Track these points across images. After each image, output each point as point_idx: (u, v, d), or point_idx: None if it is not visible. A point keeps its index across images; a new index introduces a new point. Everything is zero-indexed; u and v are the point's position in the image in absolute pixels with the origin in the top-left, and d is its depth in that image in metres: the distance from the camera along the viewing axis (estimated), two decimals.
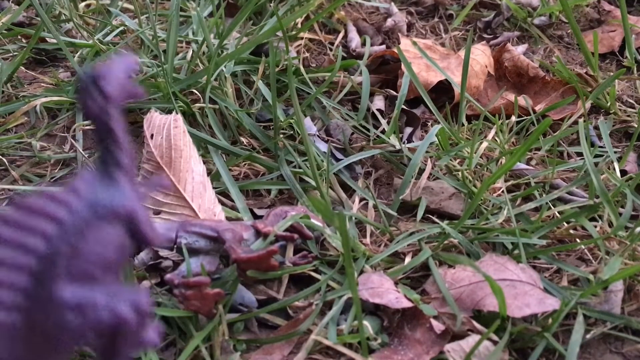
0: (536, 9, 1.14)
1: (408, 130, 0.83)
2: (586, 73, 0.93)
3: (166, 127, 0.67)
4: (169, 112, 0.79)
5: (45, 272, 0.27)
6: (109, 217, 0.30)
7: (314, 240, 0.63)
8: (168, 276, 0.54)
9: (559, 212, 0.68)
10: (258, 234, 0.60)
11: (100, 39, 0.92)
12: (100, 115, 0.31)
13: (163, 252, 0.62)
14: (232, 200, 0.69)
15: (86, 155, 0.75)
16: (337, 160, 0.76)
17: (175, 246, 0.58)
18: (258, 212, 0.69)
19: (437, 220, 0.68)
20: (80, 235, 0.28)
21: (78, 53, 0.91)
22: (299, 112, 0.67)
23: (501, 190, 0.71)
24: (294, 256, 0.60)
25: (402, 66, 0.85)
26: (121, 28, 0.97)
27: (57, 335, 0.28)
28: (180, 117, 0.68)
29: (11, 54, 0.95)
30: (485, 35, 1.11)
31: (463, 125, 0.81)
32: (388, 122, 0.83)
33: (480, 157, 0.76)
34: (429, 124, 0.86)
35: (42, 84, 0.89)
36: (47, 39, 0.96)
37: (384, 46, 1.03)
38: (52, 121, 0.82)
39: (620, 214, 0.64)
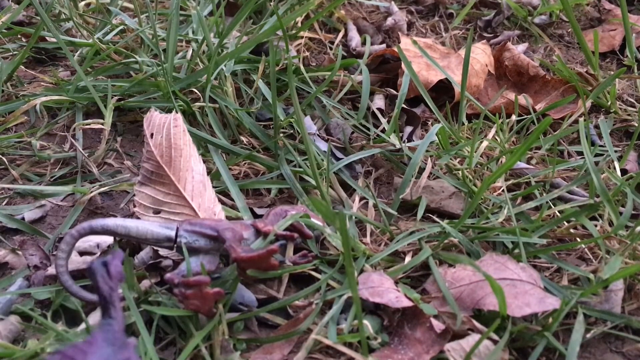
0: (536, 8, 1.14)
1: (408, 129, 0.83)
2: (586, 72, 0.93)
3: (166, 126, 0.67)
4: (169, 111, 0.79)
5: None
6: None
7: (314, 239, 0.63)
8: (168, 275, 0.54)
9: (559, 211, 0.68)
10: (258, 233, 0.60)
11: (100, 38, 0.92)
12: (108, 290, 0.45)
13: (163, 252, 0.61)
14: (232, 200, 0.69)
15: (86, 155, 0.75)
16: (337, 159, 0.76)
17: (175, 245, 0.58)
18: (258, 211, 0.69)
19: (437, 219, 0.68)
20: None
21: (78, 52, 0.91)
22: (299, 111, 0.67)
23: (501, 189, 0.71)
24: (294, 255, 0.60)
25: (402, 65, 0.85)
26: (121, 27, 0.96)
27: None
28: (180, 116, 0.68)
29: (11, 53, 0.95)
30: (486, 34, 1.11)
31: (463, 124, 0.81)
32: (388, 121, 0.83)
33: (481, 156, 0.76)
34: (429, 123, 0.86)
35: (42, 83, 0.89)
36: (46, 38, 0.96)
37: (384, 45, 1.03)
38: (52, 120, 0.82)
39: (621, 213, 0.64)
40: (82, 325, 0.53)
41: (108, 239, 0.64)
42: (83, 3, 1.06)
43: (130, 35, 0.93)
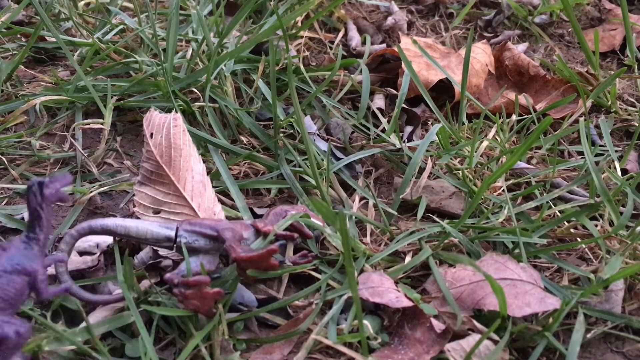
0: (537, 8, 1.13)
1: (408, 129, 0.82)
2: (587, 72, 0.92)
3: (166, 126, 0.67)
4: (169, 110, 0.78)
5: None
6: (18, 272, 0.47)
7: (314, 239, 0.63)
8: (168, 275, 0.54)
9: (559, 211, 0.68)
10: (258, 233, 0.60)
11: (99, 38, 0.92)
12: (36, 207, 0.48)
13: (162, 252, 0.61)
14: (232, 199, 0.69)
15: (85, 154, 0.75)
16: (338, 159, 0.75)
17: (175, 245, 0.58)
18: (258, 211, 0.69)
19: (437, 219, 0.68)
20: None
21: (77, 52, 0.90)
22: (299, 111, 0.67)
23: (502, 189, 0.71)
24: (294, 255, 0.60)
25: (403, 65, 0.85)
26: (121, 27, 0.96)
27: None
28: (180, 116, 0.68)
29: (10, 53, 0.95)
30: (486, 34, 1.11)
31: (463, 124, 0.81)
32: (388, 121, 0.83)
33: (481, 156, 0.76)
34: (429, 122, 0.86)
35: (42, 83, 0.89)
36: (46, 37, 0.96)
37: (384, 45, 1.03)
38: (52, 120, 0.82)
39: (621, 213, 0.64)
40: (83, 324, 0.53)
41: (107, 239, 0.63)
42: (82, 2, 1.06)
43: (130, 34, 0.93)
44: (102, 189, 0.70)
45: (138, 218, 0.64)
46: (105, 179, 0.73)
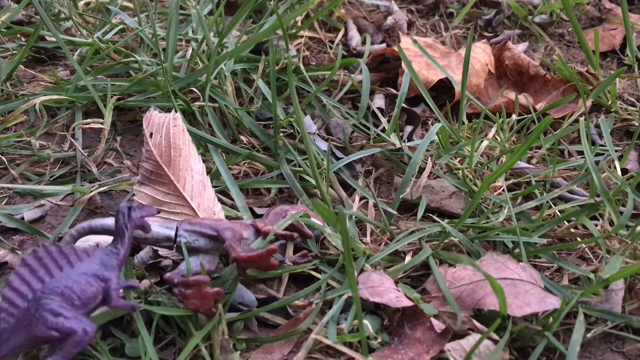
0: (537, 7, 1.13)
1: (408, 128, 0.82)
2: (587, 71, 0.92)
3: (165, 126, 0.67)
4: (169, 110, 0.78)
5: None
6: (97, 276, 0.50)
7: (314, 239, 0.63)
8: (167, 275, 0.54)
9: (559, 211, 0.68)
10: (258, 232, 0.59)
11: (99, 37, 0.92)
12: (122, 226, 0.53)
13: (162, 251, 0.61)
14: (232, 199, 0.69)
15: (85, 154, 0.75)
16: (338, 158, 0.75)
17: (174, 245, 0.58)
18: (258, 210, 0.69)
19: (437, 219, 0.68)
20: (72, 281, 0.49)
21: (77, 51, 0.90)
22: (299, 110, 0.67)
23: (502, 188, 0.71)
24: (294, 255, 0.60)
25: (403, 64, 0.85)
26: (120, 26, 0.96)
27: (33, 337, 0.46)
28: (180, 116, 0.68)
29: (10, 53, 0.95)
30: (486, 34, 1.11)
31: (463, 123, 0.81)
32: (388, 121, 0.83)
33: (481, 155, 0.76)
34: (429, 122, 0.86)
35: (42, 83, 0.89)
36: (46, 37, 0.96)
37: (384, 44, 1.03)
38: (52, 120, 0.82)
39: (621, 213, 0.64)
40: None
41: (107, 239, 0.63)
42: (82, 2, 1.06)
43: (129, 34, 0.93)
44: (102, 189, 0.70)
45: None
46: (105, 178, 0.73)
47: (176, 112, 0.69)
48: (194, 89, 0.83)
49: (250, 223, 0.60)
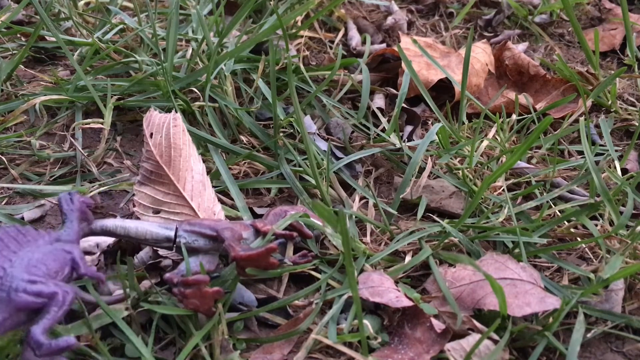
0: (537, 7, 1.13)
1: (408, 128, 0.82)
2: (587, 71, 0.92)
3: (166, 126, 0.67)
4: (169, 110, 0.78)
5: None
6: (60, 250, 0.52)
7: (314, 239, 0.63)
8: (167, 275, 0.54)
9: (559, 211, 0.68)
10: (257, 232, 0.59)
11: (99, 37, 0.92)
12: (68, 210, 0.56)
13: (162, 252, 0.61)
14: (232, 199, 0.69)
15: (85, 154, 0.75)
16: (338, 158, 0.75)
17: (174, 245, 0.58)
18: (258, 210, 0.69)
19: (437, 219, 0.68)
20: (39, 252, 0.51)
21: (77, 51, 0.90)
22: (299, 110, 0.67)
23: (502, 188, 0.71)
24: (294, 255, 0.60)
25: (403, 64, 0.85)
26: (120, 26, 0.96)
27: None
28: (180, 116, 0.68)
29: (10, 52, 0.95)
30: (486, 34, 1.11)
31: (463, 123, 0.81)
32: (388, 121, 0.83)
33: (481, 155, 0.76)
34: (429, 122, 0.86)
35: (42, 83, 0.89)
36: (46, 37, 0.96)
37: (384, 44, 1.03)
38: (52, 120, 0.82)
39: (621, 213, 0.64)
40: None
41: (108, 239, 0.63)
42: (82, 2, 1.06)
43: (129, 34, 0.93)
44: (102, 189, 0.70)
45: (138, 218, 0.64)
46: (105, 178, 0.73)
47: (176, 112, 0.69)
48: (194, 89, 0.83)
49: (250, 223, 0.60)
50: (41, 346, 0.45)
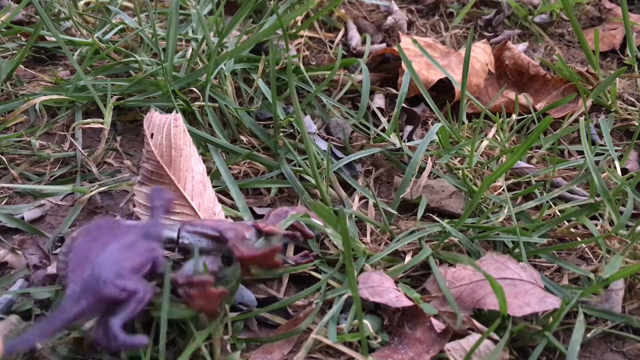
0: (537, 7, 1.13)
1: (408, 128, 0.82)
2: (587, 71, 0.92)
3: (166, 126, 0.67)
4: (169, 110, 0.78)
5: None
6: (144, 247, 0.53)
7: (314, 239, 0.63)
8: (171, 276, 0.54)
9: (559, 211, 0.68)
10: (260, 233, 0.59)
11: (99, 37, 0.92)
12: (157, 204, 0.57)
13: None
14: (232, 199, 0.69)
15: (85, 154, 0.75)
16: (337, 158, 0.75)
17: (177, 247, 0.58)
18: (258, 210, 0.69)
19: (437, 218, 0.68)
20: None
21: (77, 51, 0.90)
22: (299, 110, 0.67)
23: (502, 188, 0.71)
24: (295, 255, 0.60)
25: (403, 64, 0.85)
26: (120, 26, 0.96)
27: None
28: (181, 116, 0.68)
29: (10, 52, 0.95)
30: (486, 34, 1.11)
31: (463, 123, 0.81)
32: (388, 121, 0.83)
33: (481, 155, 0.76)
34: (430, 122, 0.86)
35: (42, 82, 0.89)
36: (46, 37, 0.96)
37: (384, 44, 1.03)
38: (52, 120, 0.82)
39: (621, 213, 0.64)
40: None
41: None
42: (82, 2, 1.06)
43: (129, 34, 0.93)
44: (102, 189, 0.70)
45: (138, 218, 0.64)
46: (105, 178, 0.73)
47: (177, 112, 0.69)
48: (194, 89, 0.83)
49: (252, 224, 0.60)
50: (117, 339, 0.47)
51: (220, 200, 0.67)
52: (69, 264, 0.50)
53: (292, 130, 0.80)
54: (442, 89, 0.89)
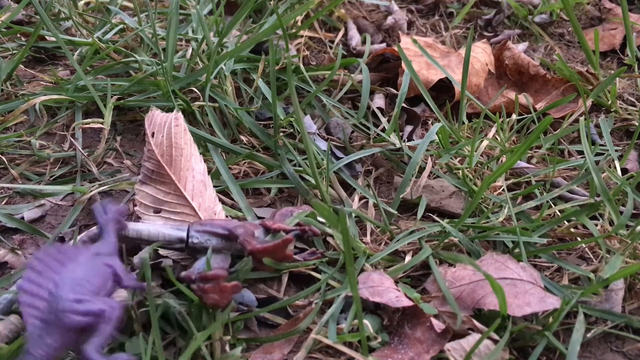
0: (537, 7, 1.13)
1: (408, 128, 0.82)
2: (587, 71, 0.92)
3: (167, 126, 0.67)
4: (169, 110, 0.78)
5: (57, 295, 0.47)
6: (101, 264, 0.51)
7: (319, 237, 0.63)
8: (184, 274, 0.54)
9: (559, 211, 0.68)
10: (267, 231, 0.60)
11: (99, 37, 0.92)
12: (103, 222, 0.56)
13: (162, 251, 0.61)
14: (232, 199, 0.69)
15: (85, 154, 0.75)
16: (338, 158, 0.75)
17: (186, 246, 0.58)
18: (257, 211, 0.69)
19: (437, 218, 0.68)
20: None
21: (77, 51, 0.90)
22: (299, 110, 0.67)
23: (502, 188, 0.71)
24: (302, 253, 0.61)
25: (403, 64, 0.85)
26: (120, 26, 0.96)
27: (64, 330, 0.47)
28: (181, 116, 0.68)
29: (10, 52, 0.95)
30: (486, 33, 1.11)
31: (463, 123, 0.81)
32: (388, 121, 0.83)
33: (481, 155, 0.76)
34: (430, 122, 0.86)
35: (42, 82, 0.89)
36: (46, 37, 0.96)
37: (384, 44, 1.03)
38: (52, 119, 0.82)
39: (621, 213, 0.64)
40: None
41: None
42: (82, 2, 1.05)
43: (129, 34, 0.93)
44: (102, 189, 0.70)
45: (139, 217, 0.64)
46: (105, 178, 0.73)
47: (177, 112, 0.69)
48: (194, 89, 0.83)
49: (260, 223, 0.60)
50: None
51: (220, 200, 0.67)
52: (22, 299, 0.47)
53: (292, 130, 0.80)
54: (443, 89, 0.89)
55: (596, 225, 0.65)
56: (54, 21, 0.98)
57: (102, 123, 0.77)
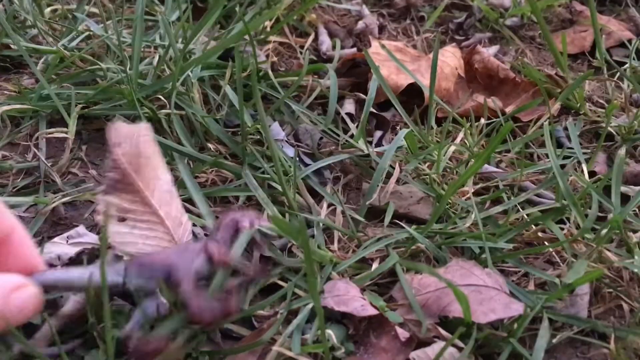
0: (508, 10, 1.14)
1: (378, 134, 0.82)
2: (556, 74, 0.93)
3: (134, 136, 0.65)
4: (134, 118, 0.77)
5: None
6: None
7: (281, 247, 0.62)
8: (126, 330, 0.50)
9: (527, 215, 0.68)
10: (211, 262, 0.53)
11: (65, 45, 0.90)
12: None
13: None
14: (198, 208, 0.68)
15: (49, 164, 0.73)
16: (306, 165, 0.75)
17: (124, 289, 0.52)
18: None
19: (405, 225, 0.67)
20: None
21: (42, 59, 0.89)
22: (264, 117, 0.66)
23: (469, 193, 0.70)
24: (254, 267, 0.57)
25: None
26: (87, 33, 0.95)
27: None
28: (149, 126, 0.66)
29: None
30: (457, 37, 1.11)
31: (432, 128, 0.81)
32: (358, 126, 0.82)
33: (450, 160, 0.75)
34: (399, 127, 0.86)
35: (5, 92, 0.87)
36: (11, 45, 0.94)
37: (355, 49, 1.02)
38: (15, 129, 0.80)
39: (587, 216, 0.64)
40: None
41: (70, 251, 0.62)
42: (49, 9, 1.04)
43: (95, 41, 0.92)
44: (65, 199, 0.69)
45: (103, 228, 0.62)
46: (70, 188, 0.72)
47: (143, 120, 0.68)
48: (161, 97, 0.82)
49: (202, 246, 0.54)
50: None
51: (186, 209, 0.66)
52: None
53: (259, 137, 0.79)
54: (414, 93, 0.88)
55: (562, 229, 0.65)
56: (19, 29, 0.97)
57: (66, 132, 0.76)
